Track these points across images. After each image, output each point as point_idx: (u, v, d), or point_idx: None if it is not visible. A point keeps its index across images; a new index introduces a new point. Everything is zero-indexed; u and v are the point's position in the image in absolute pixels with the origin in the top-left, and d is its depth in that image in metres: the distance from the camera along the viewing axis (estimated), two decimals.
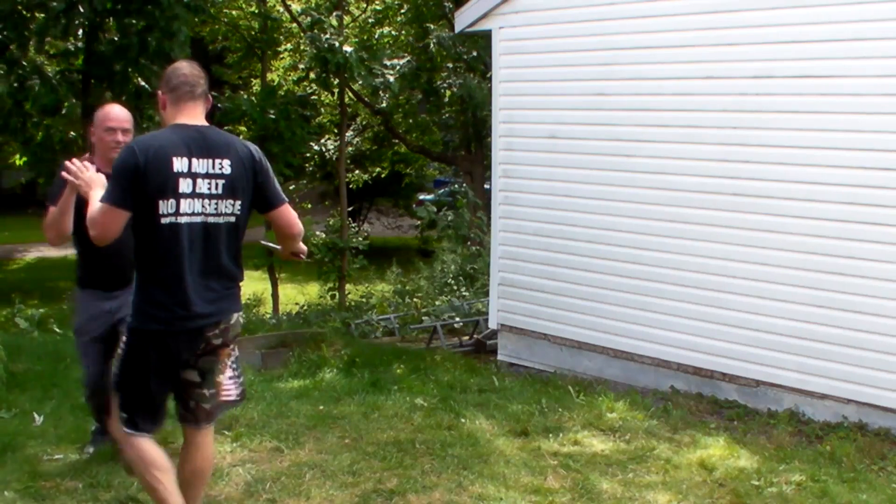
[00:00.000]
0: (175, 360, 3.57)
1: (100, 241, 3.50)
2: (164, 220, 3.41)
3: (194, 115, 3.55)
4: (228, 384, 3.69)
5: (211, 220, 3.49)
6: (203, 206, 3.46)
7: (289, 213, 3.72)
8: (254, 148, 3.66)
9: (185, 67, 3.64)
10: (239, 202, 3.53)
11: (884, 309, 6.11)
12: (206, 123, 3.59)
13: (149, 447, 3.60)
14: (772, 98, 6.59)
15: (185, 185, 3.42)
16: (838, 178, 6.28)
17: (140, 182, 3.37)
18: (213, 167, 3.47)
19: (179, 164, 3.40)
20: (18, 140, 13.10)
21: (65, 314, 10.22)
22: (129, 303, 3.62)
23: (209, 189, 3.46)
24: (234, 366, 3.72)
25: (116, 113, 4.48)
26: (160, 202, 3.39)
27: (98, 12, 11.35)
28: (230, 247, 3.58)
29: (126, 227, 3.46)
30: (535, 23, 8.03)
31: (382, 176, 25.20)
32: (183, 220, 3.43)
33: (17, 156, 16.11)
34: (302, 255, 3.97)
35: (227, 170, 3.49)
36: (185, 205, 3.42)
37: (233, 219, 3.54)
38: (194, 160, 3.44)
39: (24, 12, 11.48)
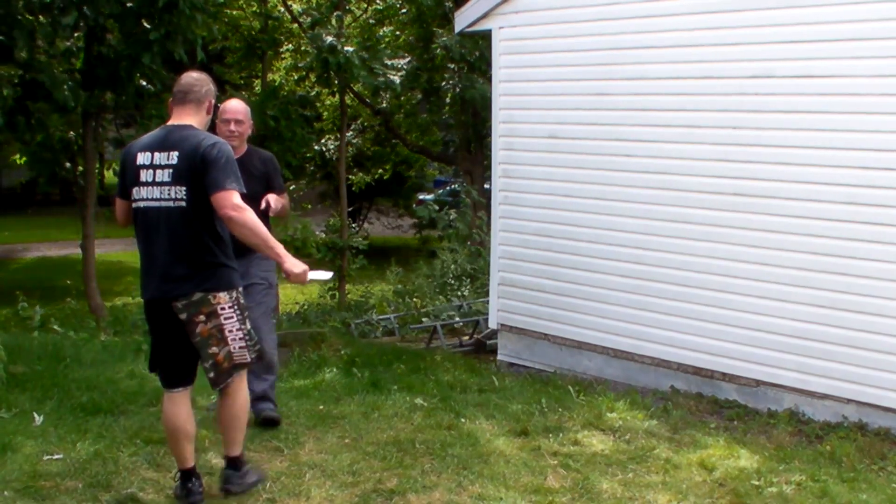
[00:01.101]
0: (160, 325, 4.17)
1: (119, 226, 4.44)
2: (134, 205, 4.15)
3: (180, 117, 4.18)
4: (241, 352, 4.16)
5: (167, 204, 4.04)
6: (161, 193, 4.05)
7: (222, 199, 3.99)
8: (207, 141, 4.08)
9: (186, 77, 4.26)
10: (184, 188, 4.02)
11: (885, 309, 6.11)
12: (186, 122, 4.15)
13: (166, 407, 4.23)
14: (772, 98, 6.59)
15: (145, 175, 4.07)
16: (839, 178, 6.28)
17: (125, 175, 4.19)
18: (168, 159, 4.05)
19: (142, 158, 4.09)
20: (25, 138, 13.06)
21: (64, 313, 10.21)
22: (249, 270, 4.87)
23: (164, 178, 4.05)
24: (247, 336, 4.17)
25: (233, 106, 5.20)
26: (133, 190, 4.12)
27: (105, 16, 11.35)
28: (189, 230, 4.05)
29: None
30: (535, 22, 8.03)
31: (385, 178, 25.18)
32: (142, 204, 4.09)
33: (17, 155, 16.10)
34: (299, 280, 4.21)
35: (175, 160, 4.04)
36: (146, 191, 4.07)
37: (183, 203, 4.03)
38: (156, 154, 4.07)
39: (28, 15, 11.47)
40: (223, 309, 4.07)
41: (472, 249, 14.52)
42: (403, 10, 20.70)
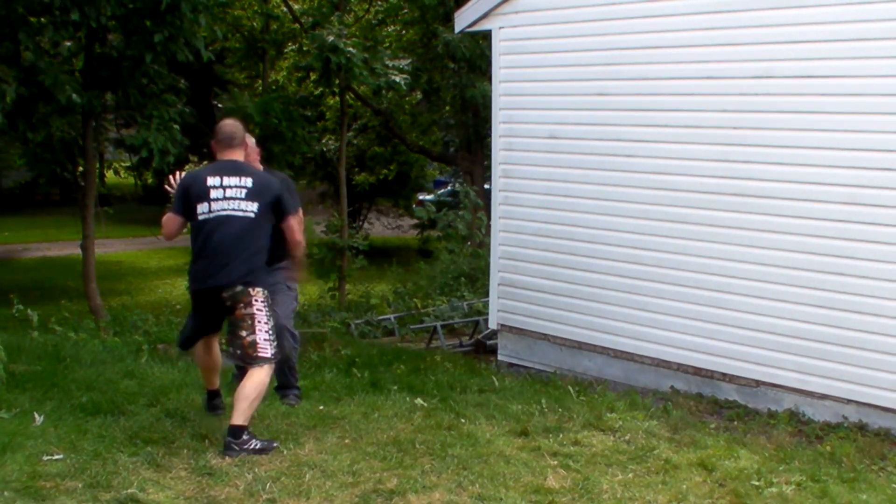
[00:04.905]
0: (206, 307, 5.13)
1: (166, 238, 5.36)
2: (202, 217, 5.08)
3: (232, 155, 5.26)
4: (264, 344, 5.06)
5: (237, 214, 5.05)
6: (231, 205, 5.07)
7: (289, 225, 5.25)
8: (276, 175, 5.50)
9: (227, 126, 5.31)
10: (256, 204, 5.09)
11: (883, 309, 6.12)
12: (239, 159, 5.25)
13: (197, 347, 5.37)
14: (772, 98, 6.59)
15: (216, 193, 5.09)
16: (838, 179, 6.29)
17: (187, 196, 5.14)
18: (240, 182, 5.12)
19: (212, 181, 5.11)
20: (28, 137, 13.04)
21: (62, 314, 10.19)
22: (276, 277, 5.59)
23: (236, 195, 5.08)
24: (270, 332, 5.09)
25: (252, 143, 6.04)
26: (197, 205, 5.08)
27: (108, 17, 11.36)
28: (250, 236, 5.05)
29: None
30: (535, 23, 8.03)
31: (389, 179, 25.15)
32: (212, 215, 5.06)
33: (17, 155, 16.07)
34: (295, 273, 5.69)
35: (250, 184, 5.12)
36: (216, 205, 5.07)
37: (251, 215, 5.08)
38: (225, 178, 5.12)
39: (30, 17, 11.44)
40: (257, 301, 5.06)
41: (471, 250, 14.51)
42: (405, 10, 20.69)
